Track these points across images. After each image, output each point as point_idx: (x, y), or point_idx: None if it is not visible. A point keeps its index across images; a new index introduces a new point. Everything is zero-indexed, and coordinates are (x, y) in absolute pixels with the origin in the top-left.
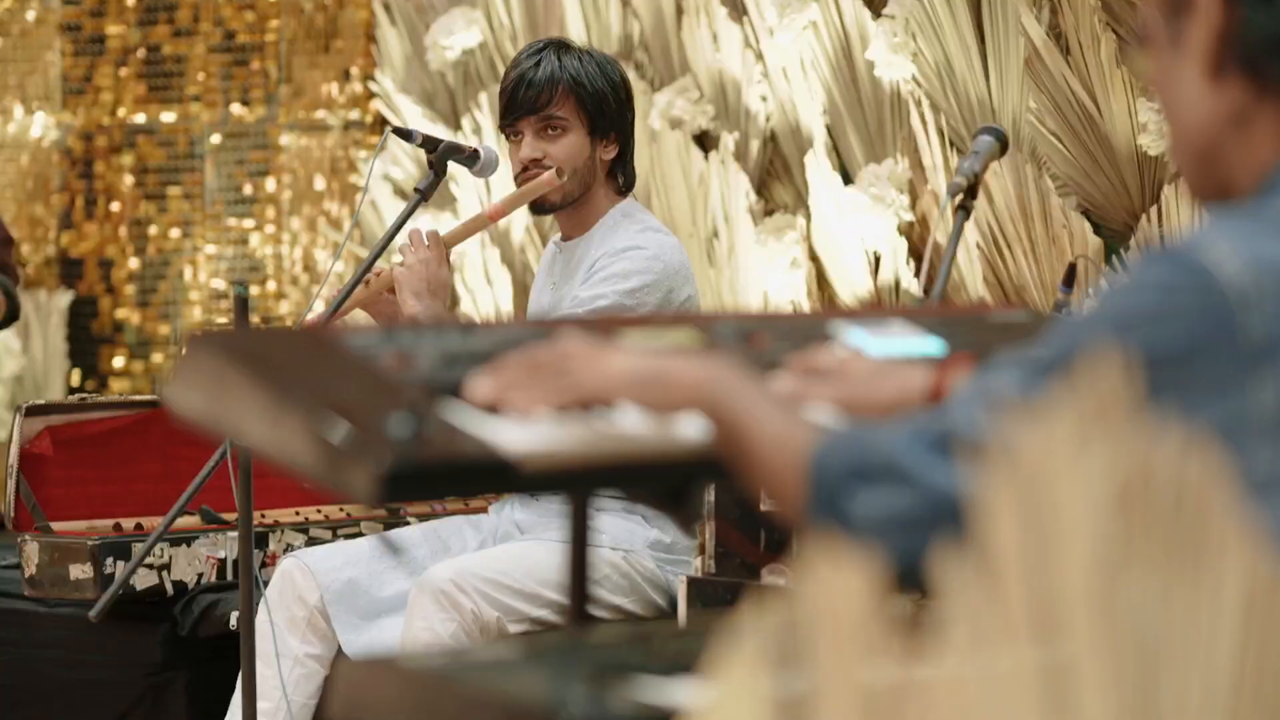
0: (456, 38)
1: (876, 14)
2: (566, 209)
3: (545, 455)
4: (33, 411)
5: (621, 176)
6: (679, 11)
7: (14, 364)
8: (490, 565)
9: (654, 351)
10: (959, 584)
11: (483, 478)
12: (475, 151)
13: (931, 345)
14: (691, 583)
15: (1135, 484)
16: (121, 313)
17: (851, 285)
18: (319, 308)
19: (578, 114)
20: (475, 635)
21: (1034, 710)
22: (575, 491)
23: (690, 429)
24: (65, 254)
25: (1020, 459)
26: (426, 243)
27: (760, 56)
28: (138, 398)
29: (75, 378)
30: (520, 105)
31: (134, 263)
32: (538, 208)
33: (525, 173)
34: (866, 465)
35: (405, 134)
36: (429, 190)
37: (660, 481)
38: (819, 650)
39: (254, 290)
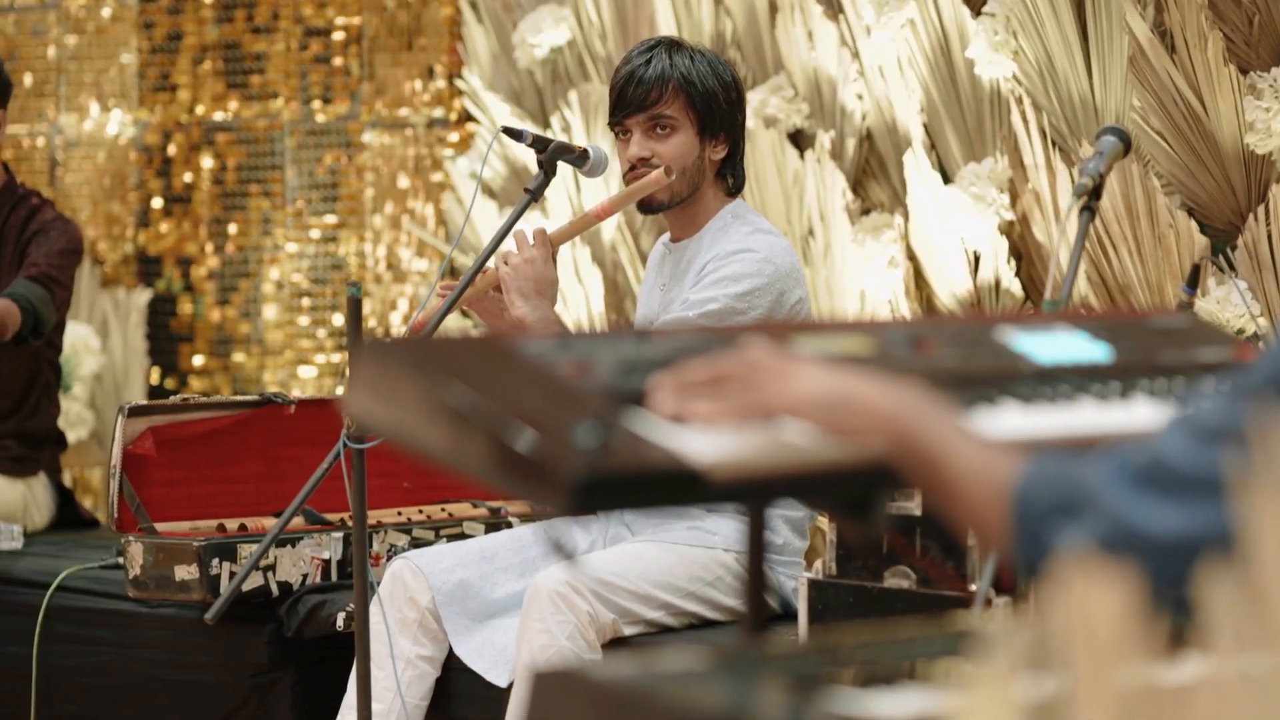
0: (545, 35)
1: (976, 12)
2: (675, 209)
3: (732, 465)
4: (135, 412)
5: (731, 178)
6: (772, 9)
7: (94, 362)
8: (605, 567)
9: (840, 369)
10: (1222, 595)
11: (670, 488)
12: (585, 151)
13: (1098, 351)
14: (812, 585)
15: None
16: (201, 310)
17: (950, 285)
18: (419, 307)
19: (687, 113)
20: (591, 637)
21: None
22: (756, 501)
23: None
24: (143, 252)
25: None
26: (532, 241)
27: (856, 55)
28: (240, 398)
29: (155, 376)
30: (629, 103)
31: (213, 261)
32: (646, 207)
33: (633, 171)
34: (1071, 500)
35: (515, 134)
36: (539, 190)
37: (843, 491)
38: (1075, 655)
39: (335, 290)
